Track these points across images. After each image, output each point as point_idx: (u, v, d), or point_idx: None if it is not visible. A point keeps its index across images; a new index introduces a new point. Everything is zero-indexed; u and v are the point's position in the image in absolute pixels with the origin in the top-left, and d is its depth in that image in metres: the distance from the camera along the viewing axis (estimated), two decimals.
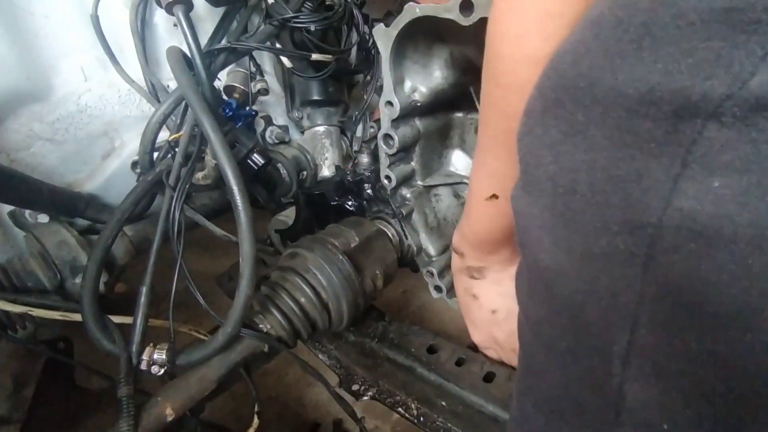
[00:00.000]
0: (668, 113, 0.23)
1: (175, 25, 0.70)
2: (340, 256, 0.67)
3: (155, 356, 0.58)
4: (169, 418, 0.58)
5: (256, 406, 0.70)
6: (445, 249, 0.77)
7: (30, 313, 0.62)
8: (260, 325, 0.64)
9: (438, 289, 0.75)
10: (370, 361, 0.80)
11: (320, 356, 0.83)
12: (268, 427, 0.71)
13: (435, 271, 0.74)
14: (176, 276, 0.61)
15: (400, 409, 0.73)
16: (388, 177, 0.73)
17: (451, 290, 0.75)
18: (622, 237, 0.26)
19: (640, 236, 0.25)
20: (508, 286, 0.55)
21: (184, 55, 0.68)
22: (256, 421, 0.70)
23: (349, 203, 0.87)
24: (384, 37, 0.65)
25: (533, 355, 0.37)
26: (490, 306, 0.59)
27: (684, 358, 0.26)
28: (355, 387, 0.78)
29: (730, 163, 0.22)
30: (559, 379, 0.34)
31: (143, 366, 0.57)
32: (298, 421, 1.00)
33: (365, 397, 0.76)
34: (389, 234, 0.79)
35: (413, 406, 0.72)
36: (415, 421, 0.71)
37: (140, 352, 0.58)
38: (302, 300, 0.65)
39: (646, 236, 0.25)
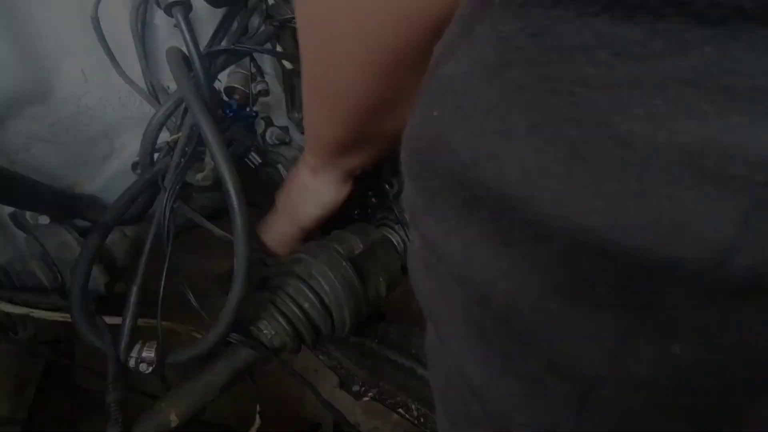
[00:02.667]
0: (623, 271, 0.19)
1: (175, 26, 0.70)
2: (344, 263, 0.66)
3: (144, 354, 0.58)
4: (174, 424, 0.59)
5: (258, 406, 0.70)
6: None
7: (31, 314, 0.62)
8: (264, 331, 0.64)
9: None
10: (371, 362, 0.80)
11: (321, 357, 0.84)
12: (270, 427, 0.71)
13: None
14: (164, 275, 0.61)
15: (400, 409, 0.73)
16: (389, 183, 0.72)
17: None
18: (555, 381, 0.23)
19: (580, 386, 0.22)
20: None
21: (184, 55, 0.68)
22: (258, 420, 0.70)
23: (355, 211, 0.85)
24: None
25: None
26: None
27: None
28: (355, 388, 0.78)
29: (691, 331, 0.19)
30: None
31: (131, 364, 0.57)
32: (299, 420, 1.00)
33: (365, 398, 0.76)
34: (394, 241, 0.77)
35: (413, 407, 0.72)
36: (415, 422, 0.71)
37: (128, 351, 0.58)
38: (306, 305, 0.65)
39: (587, 386, 0.22)
